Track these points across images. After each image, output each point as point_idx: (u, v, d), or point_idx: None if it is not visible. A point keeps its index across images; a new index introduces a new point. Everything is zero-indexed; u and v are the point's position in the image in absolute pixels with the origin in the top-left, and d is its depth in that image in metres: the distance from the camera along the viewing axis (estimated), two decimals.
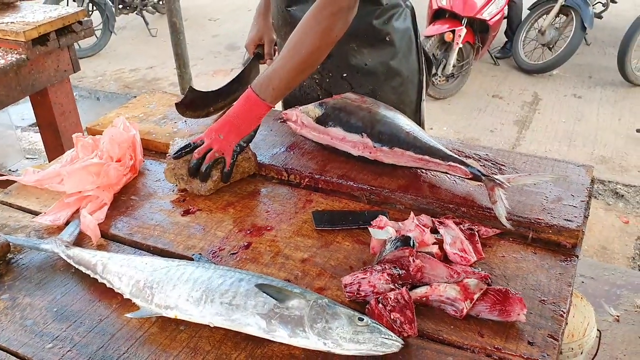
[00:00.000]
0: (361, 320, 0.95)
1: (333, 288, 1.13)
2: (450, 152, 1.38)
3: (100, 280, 1.15)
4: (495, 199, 1.27)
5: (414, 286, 1.08)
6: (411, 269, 1.08)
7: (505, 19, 5.58)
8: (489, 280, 1.09)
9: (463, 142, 1.61)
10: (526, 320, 1.02)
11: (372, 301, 1.02)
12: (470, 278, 1.07)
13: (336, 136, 1.49)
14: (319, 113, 1.52)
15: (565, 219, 1.26)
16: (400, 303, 0.99)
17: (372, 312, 1.01)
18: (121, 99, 5.37)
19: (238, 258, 1.22)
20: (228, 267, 1.11)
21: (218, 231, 1.31)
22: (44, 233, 1.32)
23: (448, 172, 1.38)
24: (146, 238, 1.29)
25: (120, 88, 5.80)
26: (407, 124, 1.46)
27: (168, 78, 5.92)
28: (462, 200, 1.35)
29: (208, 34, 7.19)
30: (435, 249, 1.16)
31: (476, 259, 1.16)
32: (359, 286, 1.07)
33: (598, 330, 1.87)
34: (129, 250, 1.26)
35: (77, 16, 2.49)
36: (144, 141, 1.63)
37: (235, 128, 1.41)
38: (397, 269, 1.08)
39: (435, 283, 1.07)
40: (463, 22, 4.91)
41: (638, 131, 4.40)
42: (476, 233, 1.23)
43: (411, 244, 1.10)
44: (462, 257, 1.15)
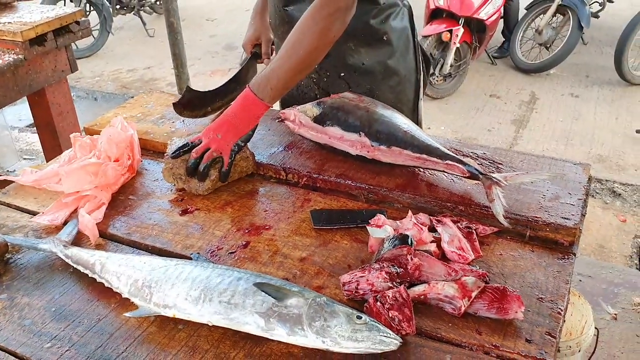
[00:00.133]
0: (359, 318, 0.95)
1: (331, 286, 1.13)
2: (447, 151, 1.39)
3: (98, 279, 1.15)
4: (492, 197, 1.27)
5: (412, 284, 1.08)
6: (409, 267, 1.08)
7: (501, 19, 5.58)
8: (487, 278, 1.09)
9: (461, 141, 1.62)
10: (524, 317, 1.02)
11: (371, 299, 1.02)
12: (468, 276, 1.07)
13: (334, 135, 1.49)
14: (317, 112, 1.52)
15: (562, 217, 1.27)
16: (398, 301, 1.00)
17: (371, 310, 1.01)
18: (119, 100, 5.36)
19: (236, 257, 1.22)
20: (226, 266, 1.11)
21: (216, 230, 1.31)
22: (42, 233, 1.32)
23: (446, 171, 1.38)
24: (144, 237, 1.29)
25: (117, 88, 5.79)
26: (405, 123, 1.46)
27: (165, 78, 5.91)
28: (460, 198, 1.35)
29: (205, 34, 7.19)
30: (433, 247, 1.16)
31: (474, 257, 1.16)
32: (357, 284, 1.07)
33: (596, 328, 1.87)
34: (127, 249, 1.26)
35: (75, 16, 2.48)
36: (142, 141, 1.63)
37: (233, 127, 1.41)
38: (395, 267, 1.08)
39: (433, 281, 1.07)
40: (460, 22, 4.91)
41: (638, 132, 4.41)
42: (474, 231, 1.23)
43: (409, 243, 1.10)
44: (460, 255, 1.15)
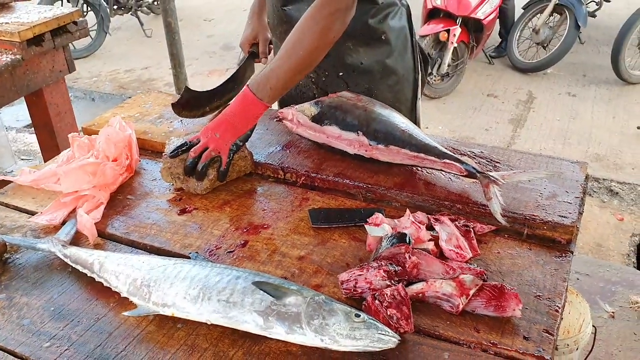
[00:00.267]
0: (358, 316, 0.96)
1: (330, 285, 1.13)
2: (445, 150, 1.39)
3: (97, 279, 1.15)
4: (490, 196, 1.28)
5: (410, 282, 1.09)
6: (407, 266, 1.08)
7: (498, 19, 5.59)
8: (485, 276, 1.10)
9: (458, 140, 1.62)
10: (522, 315, 1.03)
11: (369, 298, 1.02)
12: (466, 274, 1.07)
13: (332, 134, 1.49)
14: (315, 112, 1.52)
15: (560, 215, 1.27)
16: (396, 299, 1.00)
17: (369, 309, 1.01)
18: (116, 100, 5.36)
19: (235, 256, 1.22)
20: (225, 265, 1.11)
21: (215, 230, 1.31)
22: (41, 233, 1.32)
23: (443, 170, 1.39)
24: (143, 237, 1.29)
25: (115, 89, 5.79)
26: (403, 122, 1.47)
27: (163, 78, 5.91)
28: (458, 197, 1.36)
29: (203, 34, 7.18)
30: (431, 246, 1.17)
31: (472, 256, 1.16)
32: (356, 283, 1.08)
33: (593, 326, 1.88)
34: (126, 249, 1.26)
35: (72, 16, 2.48)
36: (140, 140, 1.63)
37: (231, 127, 1.41)
38: (393, 266, 1.08)
39: (431, 279, 1.08)
40: (458, 22, 4.92)
41: (639, 128, 4.41)
42: (471, 230, 1.23)
43: (407, 241, 1.11)
44: (458, 254, 1.15)
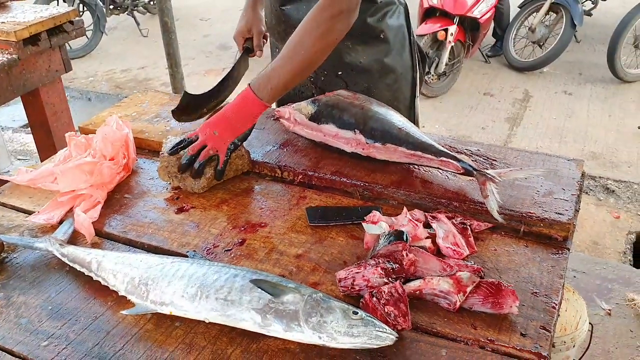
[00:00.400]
0: (355, 313, 0.96)
1: (327, 283, 1.13)
2: (442, 148, 1.39)
3: (94, 277, 1.15)
4: (487, 194, 1.28)
5: (408, 280, 1.09)
6: (404, 263, 1.09)
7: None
8: (482, 273, 1.10)
9: (455, 139, 1.62)
10: (518, 312, 1.03)
11: (366, 295, 1.03)
12: (463, 271, 1.07)
13: (329, 133, 1.50)
14: (312, 110, 1.53)
15: (556, 213, 1.28)
16: (394, 296, 1.00)
17: (367, 306, 1.02)
18: (112, 100, 5.34)
19: (232, 255, 1.22)
20: (223, 264, 1.11)
21: (212, 228, 1.31)
22: (38, 232, 1.32)
23: (440, 168, 1.39)
24: (140, 236, 1.29)
25: (111, 88, 5.77)
26: (400, 120, 1.47)
27: (159, 78, 5.90)
28: (454, 195, 1.36)
29: (199, 34, 7.17)
30: (428, 243, 1.17)
31: (469, 253, 1.17)
32: (353, 280, 1.08)
33: (590, 323, 1.89)
34: (123, 248, 1.27)
35: (69, 16, 2.48)
36: (137, 140, 1.63)
37: (230, 126, 1.41)
38: (391, 263, 1.09)
39: (428, 276, 1.08)
40: (455, 21, 4.93)
41: None
42: (468, 227, 1.24)
43: (404, 239, 1.11)
44: (455, 251, 1.16)
